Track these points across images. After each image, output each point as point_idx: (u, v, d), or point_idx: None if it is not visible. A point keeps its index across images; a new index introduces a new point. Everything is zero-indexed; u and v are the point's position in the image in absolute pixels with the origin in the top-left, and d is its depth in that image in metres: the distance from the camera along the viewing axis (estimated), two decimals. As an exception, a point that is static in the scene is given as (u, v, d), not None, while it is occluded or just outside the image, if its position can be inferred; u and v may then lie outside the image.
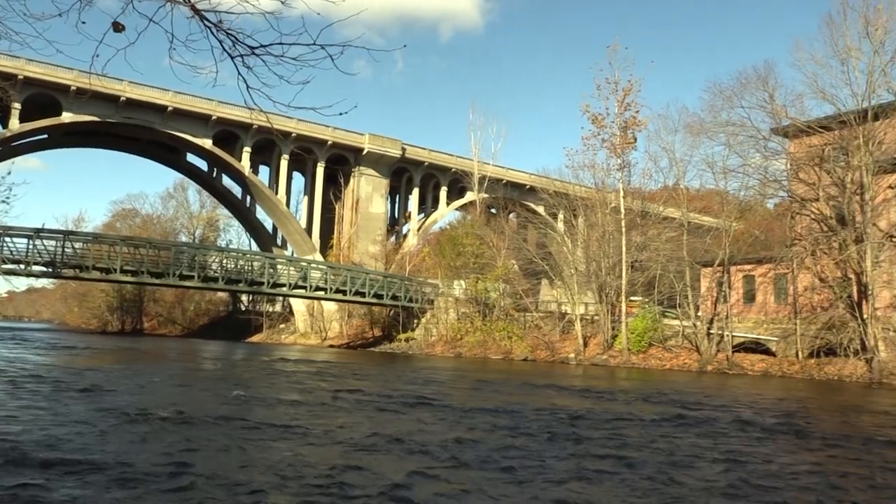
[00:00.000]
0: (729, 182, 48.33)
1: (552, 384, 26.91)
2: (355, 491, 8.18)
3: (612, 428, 14.34)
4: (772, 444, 13.12)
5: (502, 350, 52.36)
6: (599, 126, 48.92)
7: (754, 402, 21.62)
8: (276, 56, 6.57)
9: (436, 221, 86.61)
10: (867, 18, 36.24)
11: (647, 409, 18.60)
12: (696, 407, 19.24)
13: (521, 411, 16.64)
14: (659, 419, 16.06)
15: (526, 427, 13.98)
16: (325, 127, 74.35)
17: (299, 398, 18.32)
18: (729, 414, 17.80)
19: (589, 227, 54.87)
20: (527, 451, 11.21)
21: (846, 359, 35.22)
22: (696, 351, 43.36)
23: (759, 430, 14.95)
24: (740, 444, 12.87)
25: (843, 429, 16.00)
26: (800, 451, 12.70)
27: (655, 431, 14.08)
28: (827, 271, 38.55)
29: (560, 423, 14.74)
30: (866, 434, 14.89)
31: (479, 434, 12.94)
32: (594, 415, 16.52)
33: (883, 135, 37.46)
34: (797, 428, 15.50)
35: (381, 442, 11.59)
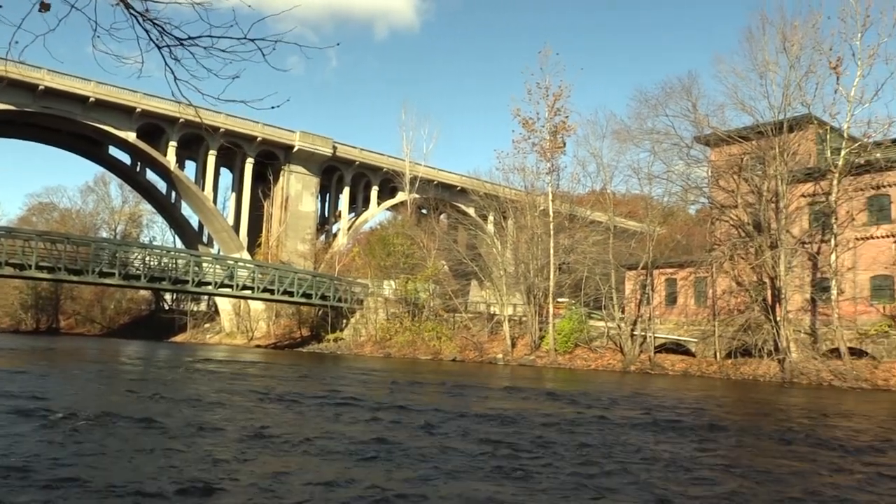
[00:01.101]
0: (653, 188, 49.83)
1: (479, 385, 27.15)
2: (276, 493, 8.09)
3: (531, 428, 14.56)
4: (684, 442, 13.56)
5: (431, 350, 52.51)
6: (530, 130, 49.65)
7: (672, 402, 22.30)
8: (204, 48, 6.44)
9: (366, 221, 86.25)
10: (784, 34, 37.89)
11: (569, 409, 18.96)
12: (616, 406, 19.73)
13: (444, 411, 16.73)
14: (579, 419, 16.41)
15: (447, 427, 14.07)
16: (254, 123, 73.05)
17: (222, 399, 17.96)
18: (646, 413, 18.31)
19: (518, 229, 55.62)
20: (448, 452, 11.28)
21: (760, 359, 36.70)
22: (620, 351, 44.44)
23: (674, 428, 15.43)
24: (653, 441, 13.25)
25: (753, 426, 16.67)
26: (711, 448, 13.16)
27: (573, 431, 14.36)
28: (744, 275, 40.12)
29: (480, 424, 14.88)
30: (773, 430, 15.55)
31: (401, 434, 12.96)
32: (518, 415, 16.75)
33: (797, 146, 39.23)
34: (710, 426, 16.07)
35: (303, 443, 11.47)
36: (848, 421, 18.40)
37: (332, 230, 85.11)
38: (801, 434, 15.02)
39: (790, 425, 16.80)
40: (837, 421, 18.35)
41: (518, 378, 33.23)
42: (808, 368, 34.20)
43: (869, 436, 15.20)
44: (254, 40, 6.40)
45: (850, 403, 23.85)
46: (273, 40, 6.49)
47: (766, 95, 38.62)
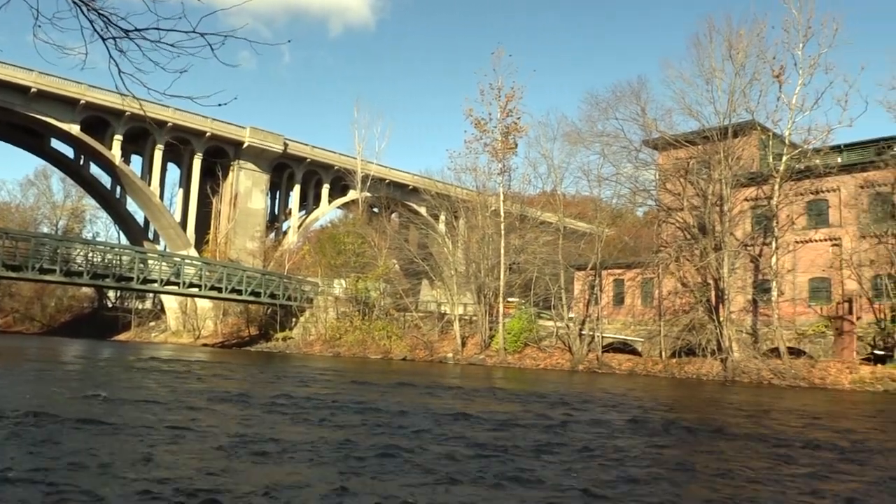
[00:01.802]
0: (603, 190, 50.56)
1: (428, 384, 27.18)
2: (217, 495, 7.99)
3: (477, 427, 14.66)
4: (625, 439, 13.81)
5: (381, 350, 52.38)
6: (482, 130, 49.90)
7: (617, 401, 22.67)
8: (151, 41, 6.31)
9: (317, 219, 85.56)
10: (730, 42, 38.86)
11: (516, 408, 19.13)
12: (563, 405, 19.97)
13: (393, 410, 16.73)
14: (526, 417, 16.57)
15: (395, 426, 14.08)
16: (203, 118, 71.76)
17: (166, 399, 17.63)
18: (593, 412, 18.59)
19: (469, 228, 55.86)
20: (394, 451, 11.29)
21: (704, 358, 37.57)
22: (568, 351, 44.98)
23: (617, 426, 15.71)
24: (597, 439, 13.47)
25: (695, 423, 17.06)
26: (649, 444, 13.44)
27: (520, 430, 14.51)
28: (689, 277, 41.02)
29: (427, 422, 14.93)
30: (714, 428, 15.94)
31: (348, 434, 12.92)
32: (464, 414, 16.83)
33: (741, 151, 40.28)
34: (652, 423, 16.40)
35: (248, 444, 11.33)
36: (784, 417, 18.96)
37: (282, 228, 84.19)
38: (738, 431, 15.43)
39: (728, 422, 17.24)
40: (774, 418, 18.89)
41: (468, 377, 33.37)
42: (750, 367, 35.13)
43: (800, 432, 15.69)
44: (203, 35, 6.31)
45: (787, 401, 24.58)
46: (223, 35, 6.41)
47: (713, 101, 39.62)
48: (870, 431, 16.73)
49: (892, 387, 30.96)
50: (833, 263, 37.78)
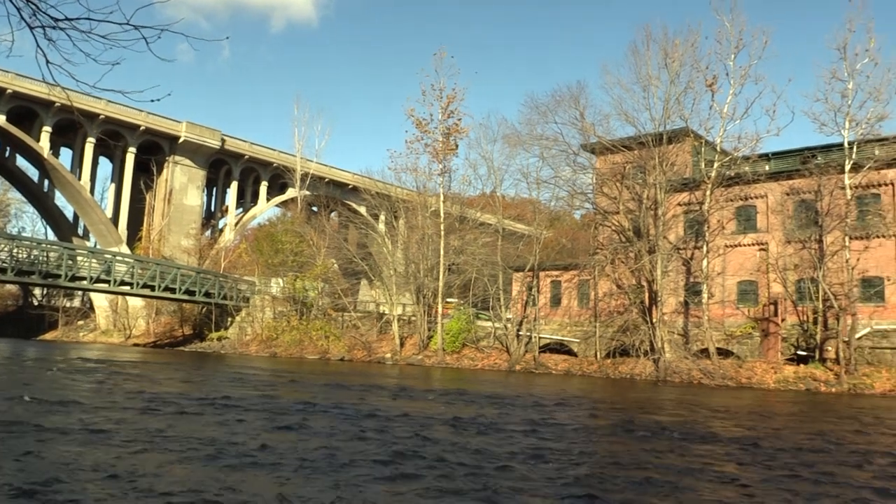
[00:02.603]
0: (541, 192, 51.28)
1: (365, 384, 27.09)
2: (148, 498, 7.83)
3: (410, 426, 14.70)
4: (553, 440, 14.05)
5: (319, 350, 51.92)
6: (423, 131, 49.93)
7: (551, 401, 23.01)
8: (82, 32, 6.13)
9: (254, 217, 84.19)
10: (666, 51, 39.90)
11: (452, 408, 19.24)
12: (497, 405, 20.17)
13: (328, 412, 16.63)
14: (461, 417, 16.68)
15: (329, 427, 14.01)
16: (137, 111, 69.79)
17: (91, 401, 17.13)
18: (526, 411, 18.83)
19: (409, 229, 55.86)
20: (325, 452, 11.24)
21: (637, 359, 38.43)
22: (506, 351, 45.39)
23: (548, 426, 15.95)
24: (529, 440, 13.67)
25: (623, 422, 17.45)
26: (578, 443, 13.71)
27: (454, 430, 14.61)
28: (624, 279, 41.91)
29: (358, 422, 14.90)
30: (643, 427, 16.35)
31: (280, 436, 12.80)
32: (401, 414, 16.85)
33: (675, 157, 41.38)
34: (584, 423, 16.72)
35: (177, 446, 11.13)
36: (712, 415, 19.56)
37: (218, 225, 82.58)
38: (666, 429, 15.86)
39: (657, 421, 17.70)
40: (704, 416, 19.47)
41: (406, 377, 33.37)
42: (681, 367, 36.09)
43: (721, 428, 16.23)
44: (138, 27, 6.16)
45: (715, 400, 25.35)
46: (159, 29, 6.27)
47: (649, 108, 40.60)
48: (781, 428, 17.41)
49: (813, 386, 32.25)
50: (760, 267, 39.13)
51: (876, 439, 15.72)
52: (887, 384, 31.42)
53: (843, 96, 34.81)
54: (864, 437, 16.04)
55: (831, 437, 15.58)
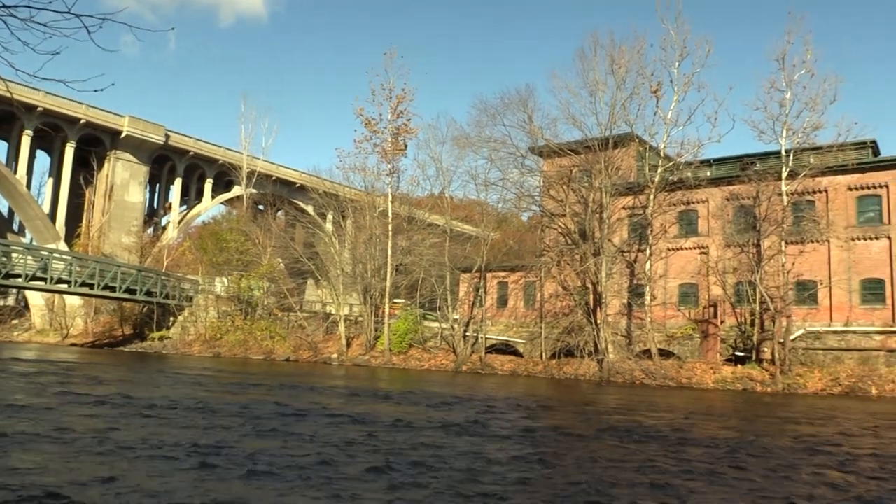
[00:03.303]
0: (489, 194, 51.55)
1: (308, 385, 26.89)
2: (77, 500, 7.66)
3: (350, 427, 14.66)
4: (496, 440, 14.18)
5: (264, 350, 51.27)
6: (372, 130, 49.75)
7: (496, 401, 23.19)
8: (21, 20, 5.96)
9: (199, 214, 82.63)
10: (613, 57, 40.59)
11: (394, 408, 19.23)
12: (442, 406, 20.24)
13: (266, 412, 16.46)
14: (404, 418, 16.70)
15: (264, 428, 13.90)
16: (78, 104, 67.78)
17: (22, 402, 16.61)
18: (471, 413, 18.94)
19: (357, 229, 55.59)
20: (264, 452, 11.15)
21: (582, 359, 38.98)
22: (452, 352, 45.53)
23: (490, 427, 16.09)
24: (466, 441, 13.76)
25: (567, 424, 17.71)
26: (519, 443, 13.87)
27: (395, 430, 14.62)
28: (569, 280, 42.47)
29: (292, 422, 14.80)
30: (582, 427, 16.62)
31: (219, 436, 12.64)
32: (341, 415, 16.78)
33: (620, 161, 42.11)
34: (526, 424, 16.90)
35: (111, 448, 10.89)
36: (653, 414, 19.97)
37: (161, 223, 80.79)
38: (607, 428, 16.15)
39: (597, 420, 18.00)
40: (644, 414, 19.87)
41: (351, 378, 33.21)
42: (623, 368, 36.74)
43: (662, 427, 16.61)
44: (79, 16, 6.02)
45: (656, 400, 25.89)
46: (101, 18, 6.13)
47: (595, 112, 41.23)
48: (715, 426, 17.89)
49: (749, 386, 33.20)
50: (701, 270, 40.09)
51: (799, 436, 16.28)
52: (819, 384, 32.54)
53: (781, 106, 35.98)
54: (790, 434, 16.60)
55: (763, 434, 16.07)
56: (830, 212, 36.53)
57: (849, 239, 35.99)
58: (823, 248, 36.46)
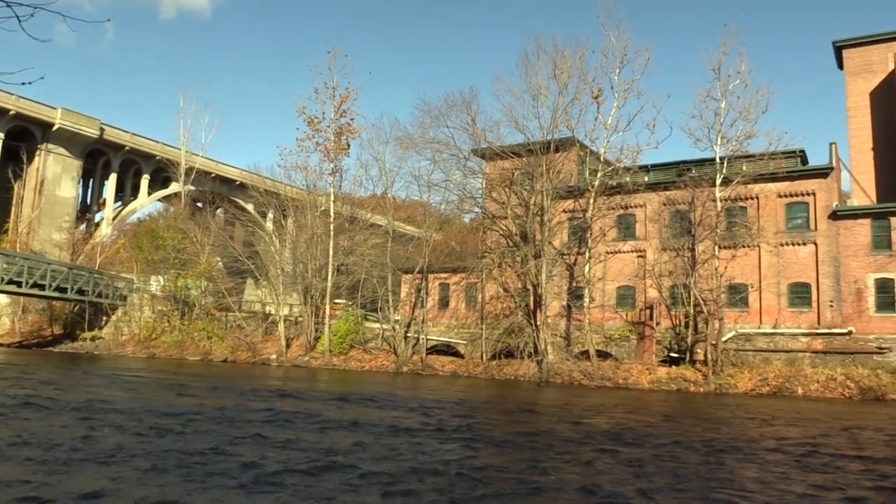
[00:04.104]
0: (432, 195, 51.64)
1: (244, 386, 26.51)
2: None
3: (280, 429, 14.54)
4: (429, 441, 14.24)
5: (201, 351, 50.28)
6: (315, 129, 49.28)
7: (435, 402, 23.26)
8: (-54, 8, 5.74)
9: (134, 211, 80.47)
10: (555, 62, 41.12)
11: (330, 409, 19.12)
12: (380, 407, 20.21)
13: (195, 413, 16.19)
14: (336, 419, 16.62)
15: (191, 430, 13.68)
16: (7, 94, 65.25)
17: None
18: (406, 413, 18.96)
19: (298, 228, 54.99)
20: (179, 454, 10.98)
21: (522, 360, 39.39)
22: (393, 353, 45.46)
23: (424, 428, 16.14)
24: (400, 441, 13.78)
25: (503, 425, 17.90)
26: (457, 447, 13.96)
27: (327, 431, 14.55)
28: (510, 282, 42.86)
29: (220, 424, 14.61)
30: (519, 429, 16.82)
31: (137, 439, 12.39)
32: (266, 416, 16.61)
33: (561, 165, 42.70)
34: (461, 425, 17.00)
35: (21, 451, 10.57)
36: (587, 414, 20.33)
37: (94, 219, 78.37)
38: (544, 430, 16.38)
39: (534, 421, 18.24)
40: (579, 414, 20.20)
41: (290, 379, 32.85)
42: (562, 369, 37.26)
43: (595, 426, 16.93)
44: (9, 3, 5.83)
45: (593, 400, 26.35)
46: (32, 6, 5.95)
47: (538, 116, 41.68)
48: (638, 424, 18.34)
49: (683, 386, 34.07)
50: (638, 273, 40.95)
51: (724, 434, 16.81)
52: (749, 384, 33.62)
53: (716, 114, 37.00)
54: (717, 432, 17.12)
55: (692, 432, 16.53)
56: (761, 218, 37.78)
57: (778, 244, 37.29)
58: (754, 252, 37.67)
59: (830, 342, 34.88)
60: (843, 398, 30.93)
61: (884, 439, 17.10)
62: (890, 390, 30.87)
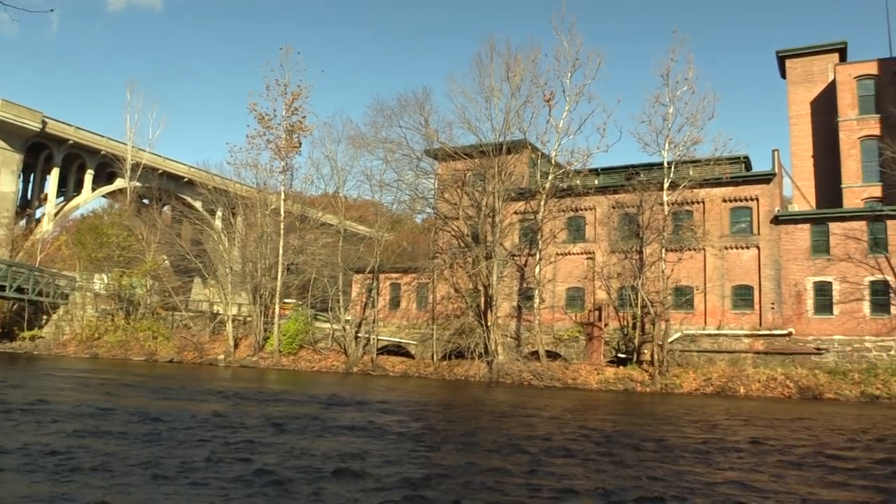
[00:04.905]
0: (384, 195, 51.42)
1: (187, 387, 26.08)
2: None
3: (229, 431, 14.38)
4: (378, 442, 14.24)
5: (146, 351, 49.21)
6: (266, 126, 48.62)
7: (385, 403, 23.22)
8: None
9: (78, 207, 78.17)
10: (508, 65, 41.41)
11: (278, 409, 18.94)
12: (328, 408, 20.08)
13: (136, 415, 15.89)
14: (284, 420, 16.48)
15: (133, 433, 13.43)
16: (-59, 85, 62.92)
17: None
18: (353, 413, 18.89)
19: (248, 226, 54.22)
20: (116, 457, 10.78)
21: (472, 361, 39.57)
22: (344, 353, 45.19)
23: (369, 429, 16.13)
24: (344, 442, 13.75)
25: (450, 425, 17.96)
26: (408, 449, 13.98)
27: (264, 432, 14.42)
28: (461, 283, 43.01)
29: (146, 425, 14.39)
30: (465, 429, 16.91)
31: (72, 441, 12.12)
32: (209, 417, 16.38)
33: (513, 167, 43.01)
34: (409, 427, 17.01)
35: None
36: (534, 413, 20.53)
37: (35, 215, 75.94)
38: (490, 429, 16.48)
39: (482, 421, 18.35)
40: (525, 415, 20.39)
41: (237, 380, 32.41)
42: (512, 369, 37.55)
43: (542, 428, 17.13)
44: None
45: (541, 400, 26.61)
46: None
47: (490, 118, 41.91)
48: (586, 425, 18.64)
49: (630, 386, 34.67)
50: (587, 275, 41.51)
51: (661, 430, 17.18)
52: (693, 384, 34.38)
53: (665, 120, 37.75)
54: (655, 429, 17.49)
55: (632, 430, 16.84)
56: (707, 222, 38.67)
57: (722, 248, 38.22)
58: (700, 256, 38.53)
59: (771, 343, 35.91)
60: (783, 397, 31.86)
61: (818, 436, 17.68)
62: (826, 389, 31.92)
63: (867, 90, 44.14)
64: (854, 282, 35.22)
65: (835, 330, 35.11)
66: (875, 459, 13.73)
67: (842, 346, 34.66)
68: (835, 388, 31.94)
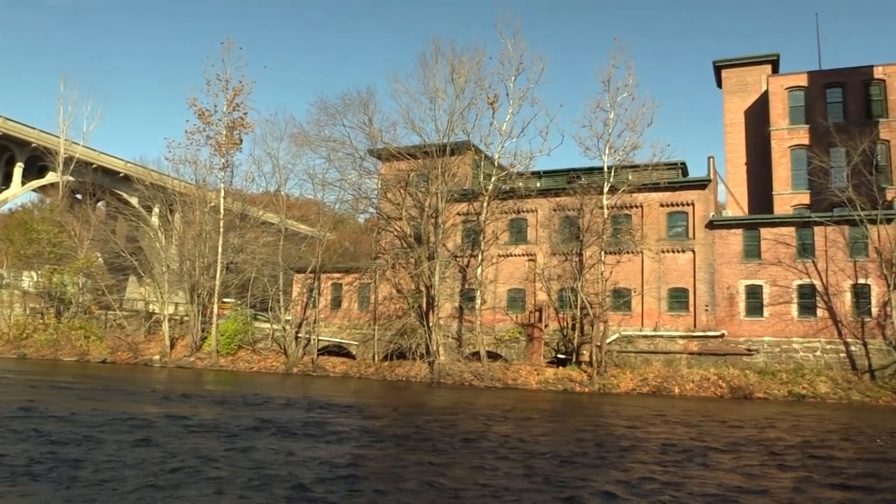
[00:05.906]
0: (327, 194, 50.97)
1: (120, 389, 25.44)
2: None
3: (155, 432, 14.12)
4: (309, 442, 14.17)
5: (78, 351, 47.71)
6: (206, 122, 47.71)
7: (322, 403, 23.05)
8: None
9: (6, 201, 75.14)
10: (453, 66, 41.54)
11: (211, 412, 18.64)
12: (263, 409, 19.84)
13: (57, 417, 15.46)
14: (209, 421, 16.25)
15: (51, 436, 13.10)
16: None
17: None
18: (296, 414, 18.72)
19: (186, 224, 53.06)
20: (35, 460, 10.51)
21: (414, 361, 39.55)
22: (284, 354, 44.64)
23: (309, 430, 16.03)
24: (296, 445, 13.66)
25: (388, 426, 17.94)
26: (334, 449, 13.94)
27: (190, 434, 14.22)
28: (404, 283, 42.95)
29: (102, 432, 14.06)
30: (402, 430, 16.92)
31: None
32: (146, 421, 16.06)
33: (457, 168, 43.18)
34: (353, 427, 16.95)
35: None
36: (473, 414, 20.68)
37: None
38: (428, 430, 16.55)
39: (420, 422, 18.39)
40: (465, 415, 20.52)
41: (171, 381, 31.74)
42: (454, 370, 37.69)
43: (471, 428, 17.27)
44: None
45: (481, 400, 26.80)
46: None
47: (434, 119, 41.97)
48: (527, 425, 18.91)
49: (569, 386, 35.17)
50: (528, 276, 41.93)
51: (602, 429, 17.54)
52: (630, 384, 35.10)
53: (605, 125, 38.42)
54: (594, 429, 17.83)
55: (570, 430, 17.13)
56: (644, 226, 39.51)
57: (659, 251, 39.11)
58: (638, 258, 39.35)
59: (705, 344, 36.91)
60: (716, 397, 32.79)
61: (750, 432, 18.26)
62: (756, 389, 32.99)
63: (798, 101, 45.79)
64: (783, 285, 36.48)
65: (765, 331, 36.31)
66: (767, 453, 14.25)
67: (771, 347, 35.87)
68: (764, 388, 33.02)
